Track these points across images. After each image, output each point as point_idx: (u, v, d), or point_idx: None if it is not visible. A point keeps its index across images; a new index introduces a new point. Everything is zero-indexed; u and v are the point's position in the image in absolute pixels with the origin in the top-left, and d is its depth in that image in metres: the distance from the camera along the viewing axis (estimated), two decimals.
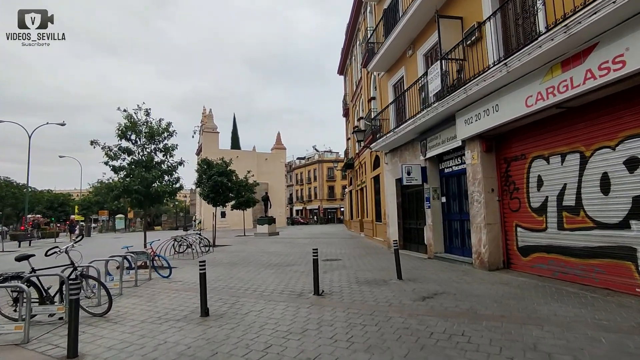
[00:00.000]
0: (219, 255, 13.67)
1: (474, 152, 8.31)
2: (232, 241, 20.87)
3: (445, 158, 10.19)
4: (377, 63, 13.57)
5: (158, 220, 56.25)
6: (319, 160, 69.24)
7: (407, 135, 11.11)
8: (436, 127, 9.70)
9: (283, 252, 13.73)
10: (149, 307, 5.99)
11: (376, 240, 16.45)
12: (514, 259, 7.67)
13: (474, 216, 8.31)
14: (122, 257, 8.44)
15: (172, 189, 10.90)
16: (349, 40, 23.86)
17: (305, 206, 72.34)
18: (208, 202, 18.14)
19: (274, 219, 25.78)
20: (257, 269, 9.82)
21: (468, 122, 8.17)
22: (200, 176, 18.03)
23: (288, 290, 6.88)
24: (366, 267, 9.43)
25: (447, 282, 6.97)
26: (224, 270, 9.65)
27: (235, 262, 11.33)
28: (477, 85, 7.05)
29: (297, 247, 15.58)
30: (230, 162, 18.73)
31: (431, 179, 10.59)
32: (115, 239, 29.19)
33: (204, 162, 18.03)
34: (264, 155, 47.51)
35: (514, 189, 7.65)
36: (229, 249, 15.95)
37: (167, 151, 11.09)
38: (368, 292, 6.37)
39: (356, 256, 11.89)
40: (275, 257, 12.39)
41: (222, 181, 17.29)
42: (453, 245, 9.99)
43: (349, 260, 10.91)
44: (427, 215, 10.64)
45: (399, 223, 13.39)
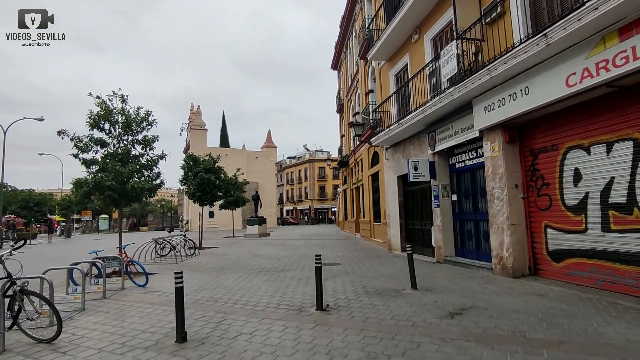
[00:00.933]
0: (205, 258, 12.50)
1: (494, 144, 7.35)
2: (221, 243, 19.66)
3: (457, 151, 9.23)
4: (378, 51, 12.57)
5: (144, 220, 54.41)
6: (310, 160, 68.15)
7: (413, 127, 10.13)
8: (448, 116, 8.73)
9: (275, 255, 12.63)
10: (113, 327, 4.84)
11: (374, 242, 15.46)
12: (543, 264, 6.72)
13: (494, 216, 7.36)
14: (91, 264, 7.27)
15: (151, 185, 9.68)
16: (344, 33, 22.86)
17: (296, 206, 71.17)
18: (194, 201, 16.92)
19: (265, 219, 24.63)
20: (247, 275, 8.71)
21: (488, 109, 7.20)
22: (185, 173, 16.82)
23: (285, 303, 5.80)
24: (371, 273, 8.40)
25: (470, 292, 5.98)
26: (210, 277, 8.51)
27: (223, 267, 10.20)
28: (504, 65, 6.08)
29: (290, 250, 14.49)
30: (218, 159, 17.54)
31: (440, 175, 9.62)
32: (95, 241, 27.65)
33: (189, 158, 16.81)
34: (254, 153, 46.22)
35: (543, 184, 6.70)
36: (217, 252, 14.77)
37: (147, 143, 9.88)
38: (382, 306, 5.33)
39: (356, 260, 10.86)
40: (267, 260, 11.29)
41: (210, 179, 16.10)
42: (465, 248, 9.03)
43: (349, 264, 9.87)
44: (436, 215, 9.67)
45: (401, 224, 12.41)
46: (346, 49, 23.33)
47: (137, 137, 9.82)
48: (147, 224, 52.67)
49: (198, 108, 42.68)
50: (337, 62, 27.38)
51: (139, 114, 9.74)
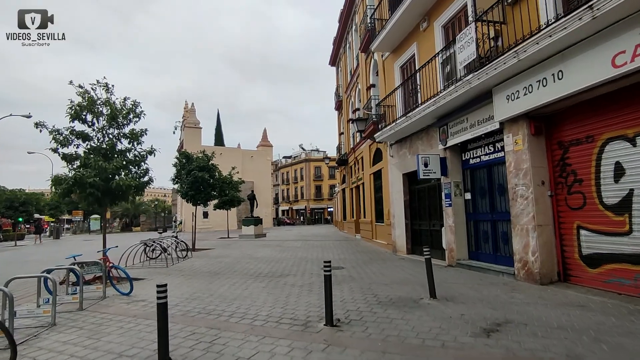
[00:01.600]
0: (198, 262, 11.70)
1: (517, 137, 6.65)
2: (215, 244, 18.84)
3: (471, 146, 8.53)
4: (382, 42, 11.86)
5: (136, 220, 53.27)
6: (306, 159, 67.40)
7: (423, 120, 9.42)
8: (463, 108, 8.02)
9: (273, 258, 11.87)
10: (85, 349, 4.07)
11: (377, 244, 14.75)
12: (575, 270, 6.03)
13: (517, 216, 6.66)
14: (68, 270, 6.46)
15: (139, 182, 8.87)
16: (343, 27, 22.14)
17: (292, 206, 70.37)
18: (187, 201, 16.10)
19: (261, 219, 23.84)
20: (243, 281, 7.94)
21: (512, 98, 6.50)
22: (178, 171, 15.98)
23: (288, 315, 5.05)
24: (379, 278, 7.68)
25: (498, 302, 5.27)
26: (202, 284, 7.74)
27: (217, 272, 9.42)
28: (536, 45, 5.38)
29: (288, 252, 13.73)
30: (212, 156, 16.73)
31: (452, 172, 8.93)
32: (85, 242, 26.67)
33: (182, 155, 15.99)
34: (249, 152, 45.34)
35: (575, 180, 6.02)
36: (211, 254, 13.97)
37: (134, 137, 9.08)
38: (401, 320, 4.61)
39: (361, 263, 10.13)
40: (265, 264, 10.52)
41: (203, 177, 15.29)
42: (481, 251, 8.34)
43: (354, 268, 9.14)
44: (447, 215, 8.97)
45: (407, 224, 11.71)
46: (345, 44, 22.61)
47: (123, 130, 9.01)
48: (139, 224, 51.49)
49: (192, 106, 41.72)
50: (335, 57, 26.65)
51: (125, 105, 8.93)
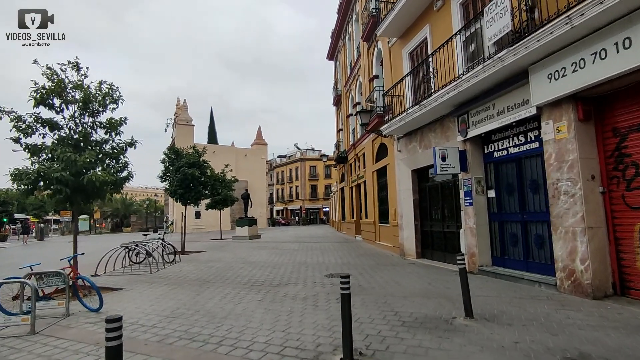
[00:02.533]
0: (186, 267, 10.57)
1: (560, 123, 5.64)
2: (206, 246, 17.67)
3: (496, 137, 7.52)
4: (389, 25, 10.82)
5: (127, 221, 51.77)
6: (301, 159, 66.31)
7: (438, 109, 8.40)
8: (489, 92, 7.00)
9: (270, 263, 10.77)
10: None
11: (380, 246, 13.71)
12: (637, 281, 5.03)
13: (559, 216, 5.65)
14: (22, 284, 5.34)
15: (116, 178, 7.72)
16: (342, 17, 21.09)
17: (287, 206, 69.26)
18: (176, 200, 14.94)
19: (256, 220, 22.70)
20: (236, 292, 6.85)
21: (556, 76, 5.49)
22: (166, 168, 14.82)
23: (292, 343, 3.98)
24: (394, 288, 6.63)
25: (553, 324, 4.24)
26: (189, 296, 6.62)
27: (207, 279, 8.30)
28: (600, 5, 4.36)
29: (285, 255, 12.64)
30: (203, 152, 15.57)
31: (473, 167, 7.91)
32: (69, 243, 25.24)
33: (171, 151, 14.83)
34: (243, 150, 44.12)
35: (636, 174, 5.02)
36: (201, 258, 12.84)
37: (112, 127, 7.94)
38: (439, 352, 3.56)
39: (367, 269, 9.08)
40: (261, 270, 9.42)
41: (194, 174, 14.14)
42: (507, 257, 7.33)
43: (362, 275, 8.09)
44: (467, 216, 7.95)
45: (416, 225, 10.70)
46: (345, 36, 21.56)
47: (98, 118, 7.86)
48: (130, 224, 50.00)
49: (184, 102, 40.40)
50: (334, 51, 25.59)
51: (101, 89, 7.78)
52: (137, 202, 65.80)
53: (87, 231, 48.54)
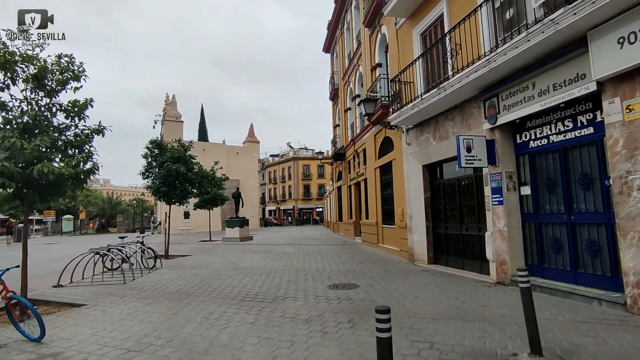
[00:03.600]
0: (167, 274, 9.24)
1: (633, 100, 4.49)
2: (194, 249, 16.29)
3: (534, 124, 6.36)
4: (398, 4, 9.62)
5: (113, 221, 49.88)
6: (294, 158, 64.98)
7: (460, 93, 7.23)
8: (528, 69, 5.83)
9: (263, 269, 9.50)
10: None
11: (384, 249, 12.52)
12: None
13: (630, 218, 4.50)
14: None
15: (78, 171, 6.37)
16: (340, 6, 19.86)
17: (279, 206, 67.88)
18: (159, 198, 13.56)
19: (247, 220, 21.35)
20: (222, 310, 5.58)
21: (631, 39, 4.33)
22: (149, 164, 13.43)
23: None
24: (416, 305, 5.42)
25: None
26: (163, 316, 5.33)
27: (189, 292, 7.01)
28: None
29: (280, 260, 11.37)
30: (190, 146, 14.21)
31: (504, 159, 6.75)
32: (46, 245, 23.66)
33: (154, 144, 13.43)
34: (234, 148, 42.61)
35: None
36: (186, 263, 11.51)
37: (76, 110, 6.61)
38: None
39: (377, 277, 7.87)
40: (253, 279, 8.15)
41: (179, 170, 12.77)
42: (547, 265, 6.17)
43: (372, 287, 6.87)
44: (496, 216, 6.78)
45: (428, 227, 9.53)
46: (342, 25, 20.35)
47: (56, 98, 6.52)
48: (116, 225, 48.08)
49: (173, 98, 38.74)
50: (330, 43, 24.35)
51: (60, 63, 6.44)
52: (126, 201, 63.77)
53: (72, 232, 46.69)
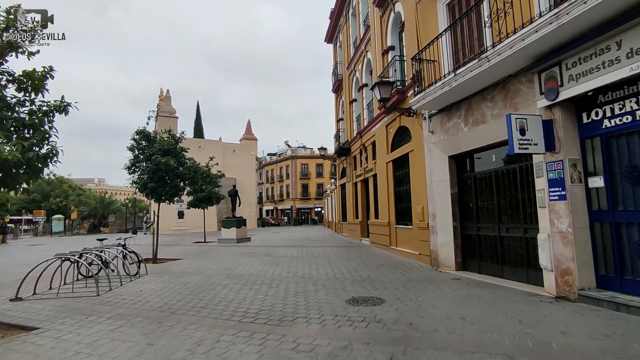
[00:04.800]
0: (151, 284, 7.86)
1: None
2: (186, 252, 14.89)
3: (610, 98, 5.05)
4: None
5: (105, 221, 48.25)
6: (292, 156, 63.66)
7: (505, 65, 5.92)
8: (607, 25, 4.52)
9: (264, 277, 8.14)
10: None
11: (399, 252, 11.19)
12: None
13: None
14: None
15: (29, 157, 4.98)
16: None
17: (277, 206, 66.50)
18: (147, 195, 12.15)
19: (245, 220, 19.95)
20: (214, 337, 4.22)
21: None
22: (135, 157, 12.02)
23: None
24: (473, 333, 4.09)
25: None
26: (133, 349, 3.97)
27: (173, 308, 5.64)
28: None
29: (283, 265, 10.03)
30: (181, 137, 12.82)
31: (566, 144, 5.43)
32: (30, 247, 22.15)
33: (141, 135, 12.03)
34: (231, 146, 41.13)
35: None
36: (176, 268, 10.13)
37: (32, 83, 5.24)
38: None
39: (401, 288, 6.54)
40: (252, 290, 6.80)
41: (168, 163, 11.37)
42: (628, 276, 4.86)
43: (401, 302, 5.54)
44: (557, 215, 5.47)
45: (455, 227, 8.23)
46: (347, 11, 19.01)
47: (4, 67, 5.15)
48: (108, 225, 46.42)
49: (167, 93, 37.19)
50: (333, 32, 23.01)
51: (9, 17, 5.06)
52: (119, 201, 62.03)
53: (62, 232, 45.04)
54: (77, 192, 55.07)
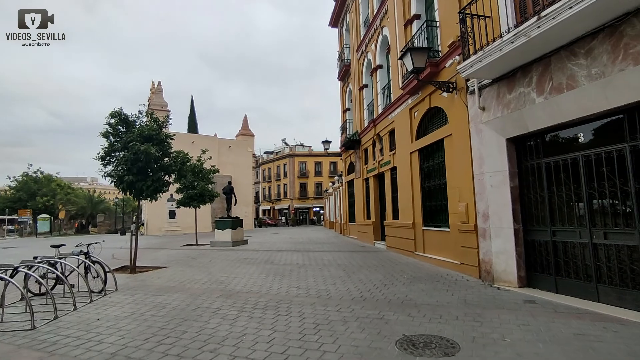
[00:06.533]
0: (116, 307, 5.85)
1: None
2: (173, 257, 12.85)
3: None
4: None
5: (94, 221, 45.95)
6: (290, 154, 61.62)
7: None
8: None
9: (266, 294, 6.15)
10: None
11: (428, 260, 9.25)
12: None
13: None
14: None
15: None
16: None
17: (274, 205, 64.46)
18: (123, 191, 10.07)
19: (241, 220, 17.90)
20: None
21: None
22: (110, 145, 9.96)
23: None
24: None
25: None
26: None
27: (133, 358, 3.66)
28: None
29: (289, 277, 8.06)
30: (166, 122, 10.77)
31: None
32: (3, 250, 19.96)
33: (117, 119, 9.97)
34: (226, 142, 38.98)
35: None
36: (156, 281, 8.13)
37: None
38: None
39: (465, 318, 4.59)
40: (253, 319, 4.82)
41: (149, 151, 9.32)
42: None
43: (483, 348, 3.58)
44: None
45: (516, 231, 6.30)
46: None
47: None
48: (97, 225, 44.11)
49: (159, 85, 35.03)
50: (339, 15, 21.02)
51: None
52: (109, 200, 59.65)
53: (48, 233, 42.71)
54: (66, 191, 52.69)
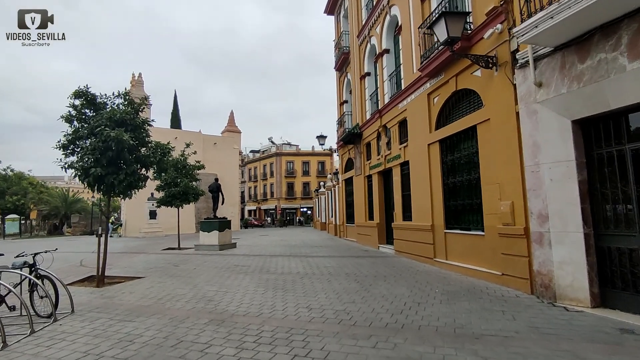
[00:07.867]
0: (64, 344, 4.25)
1: None
2: (152, 264, 11.15)
3: None
4: None
5: (68, 221, 43.19)
6: (277, 153, 59.94)
7: None
8: None
9: (270, 320, 4.65)
10: None
11: (452, 268, 7.90)
12: None
13: None
14: None
15: None
16: None
17: (260, 206, 62.66)
18: (89, 185, 8.35)
19: (229, 221, 16.27)
20: None
21: None
22: (74, 131, 8.25)
23: None
24: None
25: None
26: None
27: None
28: None
29: (292, 291, 6.57)
30: (144, 105, 9.07)
31: None
32: None
33: (82, 99, 8.27)
34: (212, 138, 37.05)
35: None
36: (128, 298, 6.51)
37: None
38: None
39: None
40: None
41: (121, 138, 7.64)
42: None
43: None
44: None
45: (586, 236, 4.99)
46: None
47: None
48: (71, 226, 41.38)
49: (139, 77, 32.85)
50: (335, 1, 19.61)
51: None
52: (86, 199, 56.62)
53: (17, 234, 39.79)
54: (39, 190, 49.63)
